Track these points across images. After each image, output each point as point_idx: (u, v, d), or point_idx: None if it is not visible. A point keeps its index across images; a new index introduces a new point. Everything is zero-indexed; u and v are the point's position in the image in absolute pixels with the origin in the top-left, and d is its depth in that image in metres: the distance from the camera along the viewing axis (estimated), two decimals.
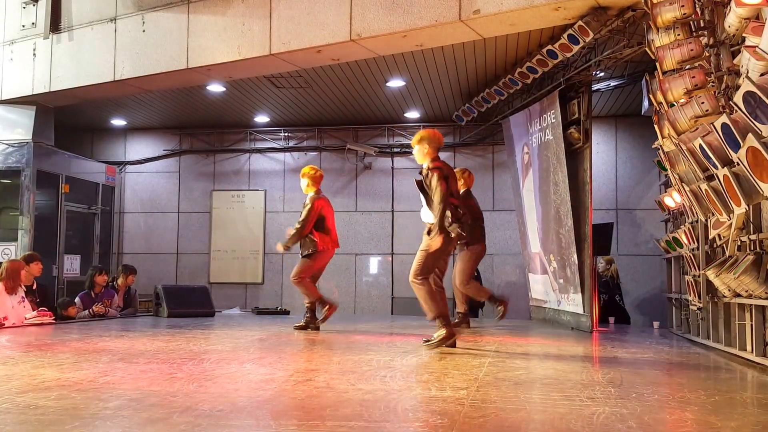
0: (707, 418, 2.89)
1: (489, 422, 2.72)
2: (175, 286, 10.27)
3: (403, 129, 11.28)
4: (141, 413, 2.80)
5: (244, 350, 5.19)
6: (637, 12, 6.10)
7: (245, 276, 11.64)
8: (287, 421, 2.72)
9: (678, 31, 4.80)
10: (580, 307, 7.39)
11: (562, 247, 7.77)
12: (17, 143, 9.28)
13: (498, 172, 10.96)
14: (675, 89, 4.63)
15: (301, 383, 3.60)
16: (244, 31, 7.44)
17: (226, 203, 11.82)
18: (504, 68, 8.43)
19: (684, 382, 4.13)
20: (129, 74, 8.15)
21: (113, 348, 5.11)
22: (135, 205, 12.11)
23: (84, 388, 3.34)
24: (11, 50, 9.06)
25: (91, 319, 7.90)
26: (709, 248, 5.84)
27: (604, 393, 3.38)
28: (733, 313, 5.34)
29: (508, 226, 10.69)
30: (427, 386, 3.52)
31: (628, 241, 10.39)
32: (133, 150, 12.19)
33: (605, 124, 10.59)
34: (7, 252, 9.13)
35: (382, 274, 11.34)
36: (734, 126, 3.68)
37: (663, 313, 8.77)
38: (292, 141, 11.70)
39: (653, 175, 9.87)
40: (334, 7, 6.95)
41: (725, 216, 4.27)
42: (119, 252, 11.91)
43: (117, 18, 8.23)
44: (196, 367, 4.11)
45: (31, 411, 2.81)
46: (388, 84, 9.17)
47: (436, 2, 6.48)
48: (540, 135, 8.25)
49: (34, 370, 3.89)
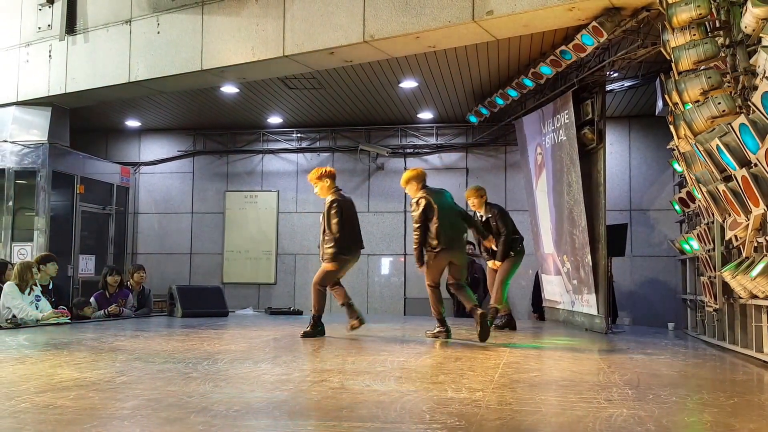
0: (727, 420, 2.87)
1: (506, 424, 2.71)
2: (189, 286, 10.32)
3: (416, 130, 11.28)
4: (158, 413, 2.82)
5: (258, 350, 5.21)
6: (651, 12, 6.06)
7: (258, 276, 11.68)
8: (304, 422, 2.73)
9: (694, 32, 4.78)
10: (594, 308, 7.36)
11: (575, 248, 7.74)
12: (33, 144, 9.37)
13: (511, 173, 10.92)
14: (691, 90, 4.61)
15: (316, 384, 3.60)
16: (258, 32, 7.47)
17: (239, 204, 11.86)
18: (517, 69, 8.41)
19: (701, 384, 4.10)
20: (144, 76, 8.21)
21: (129, 348, 5.14)
22: (149, 206, 12.18)
23: (101, 388, 3.37)
24: (27, 52, 9.14)
25: (106, 318, 7.96)
26: (725, 249, 5.80)
27: (621, 395, 3.37)
28: (750, 314, 5.30)
29: (521, 227, 10.60)
30: (442, 387, 3.51)
31: (642, 242, 10.33)
32: (148, 151, 12.27)
33: (619, 124, 10.53)
34: (23, 252, 9.22)
35: (394, 274, 11.34)
36: (752, 127, 3.65)
37: (677, 315, 8.72)
38: (304, 142, 11.72)
39: (667, 175, 9.81)
40: (347, 9, 6.96)
41: (743, 217, 4.24)
42: (133, 252, 11.98)
43: (132, 20, 8.29)
44: (212, 367, 4.13)
45: (49, 410, 2.83)
46: (401, 85, 9.17)
47: (449, 3, 6.47)
48: (553, 135, 8.22)
49: (52, 370, 3.92)
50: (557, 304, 8.75)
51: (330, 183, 6.33)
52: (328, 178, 6.34)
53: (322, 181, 6.32)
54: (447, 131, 11.25)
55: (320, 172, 6.37)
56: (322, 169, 6.42)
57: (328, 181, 6.32)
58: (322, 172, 6.35)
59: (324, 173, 6.35)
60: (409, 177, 6.36)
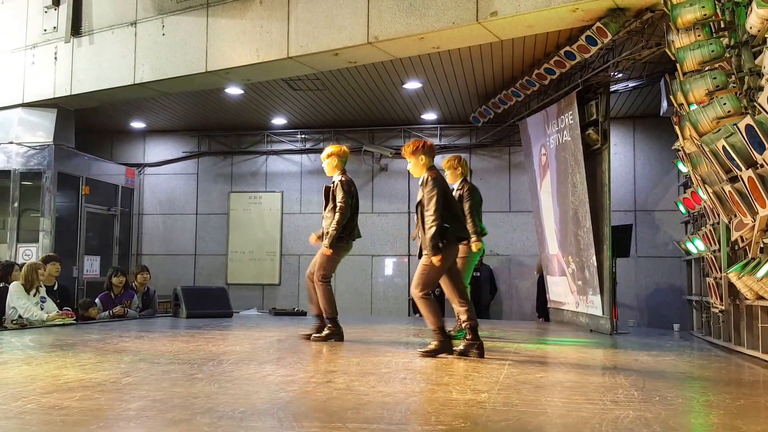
0: (733, 422, 2.86)
1: (511, 426, 2.70)
2: (194, 287, 10.34)
3: (420, 131, 11.28)
4: (164, 414, 2.82)
5: (263, 351, 5.21)
6: (655, 13, 6.05)
7: (262, 277, 11.70)
8: (309, 423, 2.73)
9: (698, 32, 4.77)
10: (599, 309, 7.34)
11: (580, 249, 7.73)
12: (38, 146, 9.40)
13: (515, 174, 10.92)
14: (696, 90, 4.60)
15: (321, 385, 3.60)
16: (263, 34, 7.48)
17: (244, 205, 11.88)
18: (521, 70, 8.40)
19: (707, 386, 4.08)
20: (149, 77, 8.23)
21: (134, 349, 5.15)
22: (154, 207, 12.21)
23: (107, 389, 3.37)
24: (33, 54, 9.18)
25: (111, 319, 7.97)
26: (731, 250, 5.78)
27: (628, 396, 3.36)
28: (756, 315, 5.28)
29: (525, 228, 10.65)
30: (447, 389, 3.51)
31: (646, 242, 10.31)
32: (152, 152, 12.30)
33: (623, 125, 10.52)
34: (29, 253, 9.25)
35: (398, 275, 11.34)
36: (758, 128, 3.64)
37: (683, 316, 8.70)
38: (308, 143, 11.74)
39: (672, 176, 9.79)
40: (351, 10, 6.97)
41: (749, 218, 4.23)
42: (138, 253, 12.01)
43: (137, 22, 8.32)
44: (217, 368, 4.13)
45: (55, 411, 2.84)
46: (405, 86, 9.17)
47: (453, 4, 6.47)
48: (558, 136, 8.21)
49: (57, 371, 3.93)
50: (562, 305, 8.73)
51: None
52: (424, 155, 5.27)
53: (416, 157, 5.23)
54: (451, 132, 11.25)
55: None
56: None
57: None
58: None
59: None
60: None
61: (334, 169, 5.90)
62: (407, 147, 5.12)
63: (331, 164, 5.90)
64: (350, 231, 5.87)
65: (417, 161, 5.05)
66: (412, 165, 5.09)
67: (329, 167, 5.92)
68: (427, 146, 5.08)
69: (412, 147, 5.07)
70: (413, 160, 5.07)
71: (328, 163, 5.92)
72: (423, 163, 5.04)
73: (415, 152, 5.04)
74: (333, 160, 5.90)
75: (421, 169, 5.04)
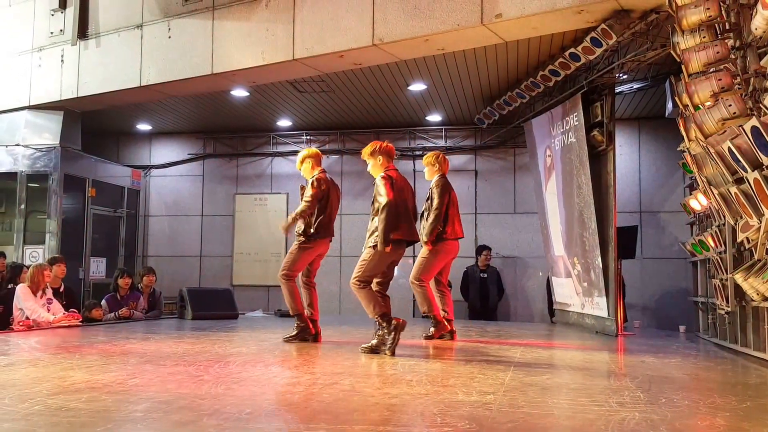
0: (740, 424, 2.85)
1: (517, 427, 2.71)
2: (200, 288, 10.36)
3: (425, 132, 11.28)
4: (170, 416, 2.83)
5: (269, 353, 5.23)
6: (660, 14, 6.05)
7: (267, 278, 11.70)
8: (316, 425, 2.73)
9: (704, 34, 4.76)
10: (605, 311, 7.33)
11: (586, 251, 7.72)
12: (45, 148, 9.45)
13: (520, 175, 10.91)
14: (701, 92, 4.59)
15: (327, 387, 3.61)
16: (268, 36, 7.50)
17: (249, 206, 11.91)
18: (526, 71, 8.40)
19: (714, 388, 4.08)
20: (155, 80, 8.26)
21: (140, 350, 5.17)
22: (159, 209, 12.25)
23: (113, 391, 3.39)
24: (39, 57, 9.23)
25: (117, 321, 8.00)
26: (737, 251, 5.77)
27: (633, 398, 3.36)
28: (762, 317, 5.27)
29: (530, 229, 10.63)
30: (453, 390, 3.51)
31: (652, 244, 10.28)
32: (158, 154, 12.34)
33: (628, 126, 10.50)
34: (35, 255, 9.29)
35: (403, 276, 11.31)
36: (764, 129, 3.64)
37: (689, 317, 8.67)
38: (314, 144, 11.73)
39: (677, 177, 9.76)
40: (356, 13, 6.98)
41: (755, 219, 4.22)
42: (144, 255, 12.05)
43: (143, 24, 8.35)
44: (223, 370, 4.14)
45: (62, 413, 2.85)
46: (410, 88, 9.18)
47: (457, 6, 6.48)
48: (563, 138, 8.20)
49: (64, 372, 3.95)
50: (568, 307, 8.72)
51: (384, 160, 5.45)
52: (382, 155, 5.44)
53: (375, 158, 5.46)
54: (456, 133, 11.25)
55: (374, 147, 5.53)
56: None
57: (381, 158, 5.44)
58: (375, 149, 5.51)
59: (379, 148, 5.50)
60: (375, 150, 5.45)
61: (311, 170, 6.06)
62: (366, 149, 5.49)
63: (308, 167, 6.08)
64: (324, 227, 5.96)
65: (375, 162, 5.39)
66: (371, 166, 5.45)
67: (306, 171, 6.09)
68: (383, 147, 5.42)
69: (371, 149, 5.43)
70: (372, 161, 5.43)
71: (304, 167, 6.09)
72: (380, 164, 5.38)
73: (372, 153, 5.41)
74: (308, 162, 6.07)
75: (379, 169, 5.37)
